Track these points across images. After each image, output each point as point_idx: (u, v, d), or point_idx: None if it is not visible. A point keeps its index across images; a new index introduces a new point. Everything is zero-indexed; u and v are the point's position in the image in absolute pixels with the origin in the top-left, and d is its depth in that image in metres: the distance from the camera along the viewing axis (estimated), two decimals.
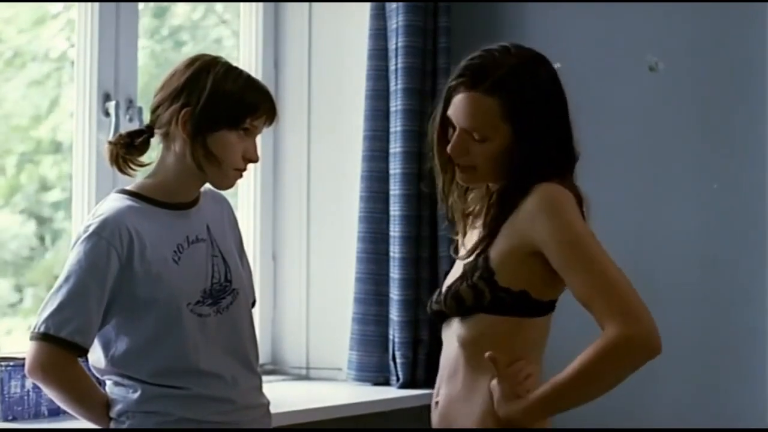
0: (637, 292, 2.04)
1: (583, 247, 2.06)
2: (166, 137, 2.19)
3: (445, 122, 2.19)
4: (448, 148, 2.18)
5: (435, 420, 2.21)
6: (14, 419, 2.52)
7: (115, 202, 2.17)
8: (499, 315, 2.11)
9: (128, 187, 2.22)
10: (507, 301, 2.10)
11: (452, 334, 2.17)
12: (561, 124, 2.17)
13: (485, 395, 2.11)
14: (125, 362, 2.13)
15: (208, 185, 2.25)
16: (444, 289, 2.19)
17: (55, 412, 2.58)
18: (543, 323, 2.16)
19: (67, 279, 2.10)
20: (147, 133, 2.21)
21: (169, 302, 2.12)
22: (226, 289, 2.21)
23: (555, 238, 2.07)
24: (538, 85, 2.14)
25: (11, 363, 2.53)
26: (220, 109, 2.15)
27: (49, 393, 2.16)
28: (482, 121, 2.12)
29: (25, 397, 2.55)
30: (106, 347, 2.14)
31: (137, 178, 2.25)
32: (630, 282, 2.05)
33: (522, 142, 2.12)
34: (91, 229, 2.11)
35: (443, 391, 2.18)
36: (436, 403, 2.21)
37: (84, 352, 2.12)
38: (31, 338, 2.10)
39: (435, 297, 2.23)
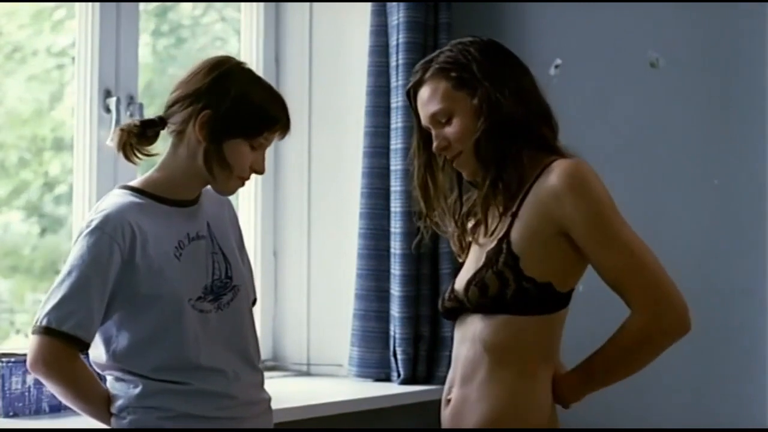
0: (665, 271, 2.10)
1: (613, 227, 2.09)
2: (179, 135, 2.17)
3: (427, 137, 2.27)
4: (433, 148, 2.23)
5: (446, 418, 2.21)
6: (15, 415, 2.52)
7: (117, 197, 2.17)
8: (524, 315, 2.11)
9: (131, 183, 2.21)
10: (531, 294, 2.10)
11: (471, 334, 2.17)
12: (523, 88, 2.19)
13: (501, 396, 2.13)
14: (126, 357, 2.12)
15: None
16: (463, 282, 2.18)
17: (56, 408, 2.58)
18: (563, 315, 2.17)
19: (69, 273, 2.09)
20: (159, 125, 2.20)
21: (171, 297, 2.12)
22: (227, 286, 2.21)
23: (584, 217, 2.09)
24: (484, 55, 2.19)
25: (12, 359, 2.53)
26: (241, 118, 2.14)
27: (50, 387, 2.16)
28: (440, 99, 2.19)
29: (26, 393, 2.55)
30: (107, 342, 2.14)
31: (138, 171, 2.25)
32: (659, 261, 2.10)
33: (483, 104, 2.15)
34: (93, 224, 2.11)
35: (458, 392, 2.18)
36: (448, 400, 2.21)
37: (86, 346, 2.11)
38: (33, 332, 2.09)
39: (447, 294, 2.23)
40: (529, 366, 2.13)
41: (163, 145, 2.23)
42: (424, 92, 2.22)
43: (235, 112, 2.13)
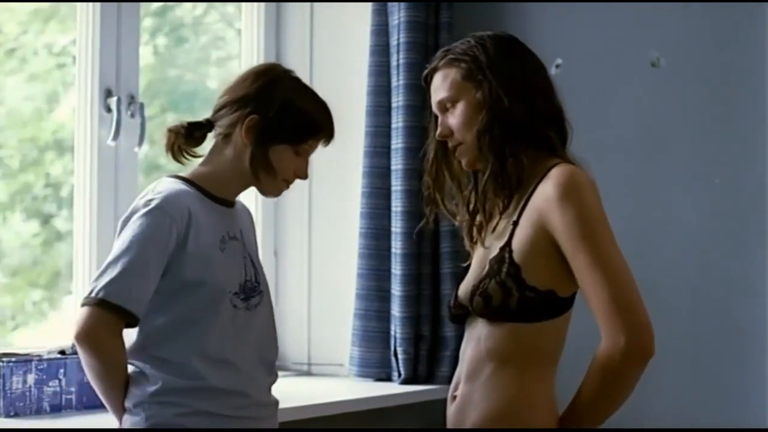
0: (639, 292, 2.07)
1: (596, 240, 2.08)
2: (226, 137, 2.22)
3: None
4: (436, 134, 2.26)
5: (451, 414, 2.23)
6: (16, 415, 2.52)
7: (171, 183, 2.20)
8: (527, 322, 2.12)
9: (181, 174, 2.24)
10: (535, 302, 2.11)
11: (478, 337, 2.19)
12: (531, 89, 2.20)
13: (501, 396, 2.14)
14: (157, 339, 2.13)
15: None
16: (467, 290, 2.20)
17: (57, 408, 2.58)
18: (567, 317, 2.18)
19: (128, 249, 2.09)
20: (207, 127, 2.25)
21: (214, 286, 2.14)
22: (255, 289, 2.24)
23: (568, 225, 2.08)
24: (499, 52, 2.21)
25: (13, 359, 2.54)
26: (287, 125, 2.19)
27: (93, 360, 2.10)
28: (448, 87, 2.23)
29: (27, 393, 2.55)
30: (141, 322, 2.12)
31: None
32: (635, 283, 2.08)
33: (486, 99, 2.18)
34: (153, 204, 2.13)
35: (463, 389, 2.20)
36: (454, 397, 2.23)
37: (136, 322, 2.11)
38: (86, 304, 2.08)
39: (452, 301, 2.25)
40: (532, 368, 2.14)
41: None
42: (436, 79, 2.26)
43: (281, 118, 2.19)
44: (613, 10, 3.32)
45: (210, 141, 2.27)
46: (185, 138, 2.23)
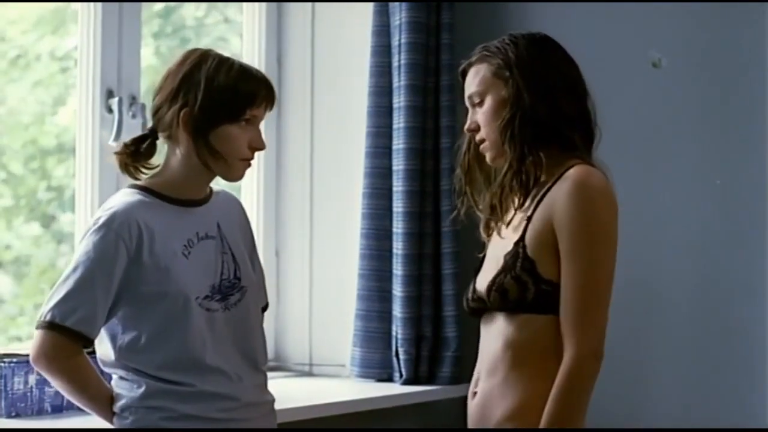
0: (606, 313, 2.14)
1: (590, 245, 2.13)
2: (170, 139, 2.20)
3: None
4: (465, 128, 2.31)
5: (472, 410, 2.26)
6: (17, 416, 2.53)
7: (125, 196, 2.19)
8: (545, 314, 2.16)
9: (139, 183, 2.24)
10: (551, 295, 2.15)
11: (496, 331, 2.22)
12: (557, 90, 2.24)
13: (521, 392, 2.17)
14: (133, 354, 2.13)
15: (221, 185, 2.28)
16: (484, 284, 2.23)
17: (59, 409, 2.59)
18: None
19: (74, 269, 2.11)
20: (151, 137, 2.23)
21: (177, 295, 2.13)
22: (235, 286, 2.22)
23: (569, 222, 2.14)
24: (529, 51, 2.25)
25: (14, 359, 2.54)
26: (217, 105, 2.16)
27: (53, 382, 2.18)
28: (478, 82, 2.27)
29: (28, 394, 2.55)
30: (113, 339, 2.15)
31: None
32: (607, 299, 2.15)
33: (511, 96, 2.22)
34: (100, 221, 2.13)
35: (483, 385, 2.24)
36: (474, 393, 2.26)
37: (89, 342, 2.13)
38: (37, 327, 2.11)
39: (470, 294, 2.28)
40: (549, 362, 2.17)
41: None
42: (470, 74, 2.31)
43: (208, 101, 2.15)
44: (614, 10, 3.32)
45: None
46: (132, 156, 2.21)
